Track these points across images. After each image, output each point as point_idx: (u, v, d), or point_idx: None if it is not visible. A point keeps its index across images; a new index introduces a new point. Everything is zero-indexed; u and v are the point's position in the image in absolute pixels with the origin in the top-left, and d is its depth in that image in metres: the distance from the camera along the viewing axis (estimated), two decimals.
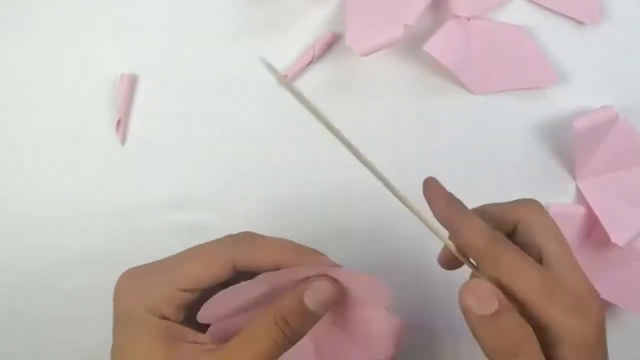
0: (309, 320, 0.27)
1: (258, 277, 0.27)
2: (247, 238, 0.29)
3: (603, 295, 0.41)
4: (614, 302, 0.41)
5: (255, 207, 0.42)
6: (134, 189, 0.41)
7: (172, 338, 0.27)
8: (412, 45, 0.40)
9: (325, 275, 0.28)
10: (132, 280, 0.28)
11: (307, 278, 0.27)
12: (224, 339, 0.27)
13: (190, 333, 0.27)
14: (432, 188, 0.27)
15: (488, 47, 0.40)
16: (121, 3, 0.41)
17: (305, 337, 0.28)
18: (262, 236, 0.29)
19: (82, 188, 0.42)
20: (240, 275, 0.28)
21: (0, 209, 0.42)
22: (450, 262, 0.30)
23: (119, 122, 0.41)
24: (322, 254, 0.29)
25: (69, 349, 0.42)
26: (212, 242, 0.29)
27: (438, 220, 0.27)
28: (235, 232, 0.42)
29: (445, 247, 0.28)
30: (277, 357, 0.26)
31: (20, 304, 0.42)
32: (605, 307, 0.26)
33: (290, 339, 0.27)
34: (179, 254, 0.29)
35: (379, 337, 0.29)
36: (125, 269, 0.29)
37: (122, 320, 0.28)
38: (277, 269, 0.28)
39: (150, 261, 0.29)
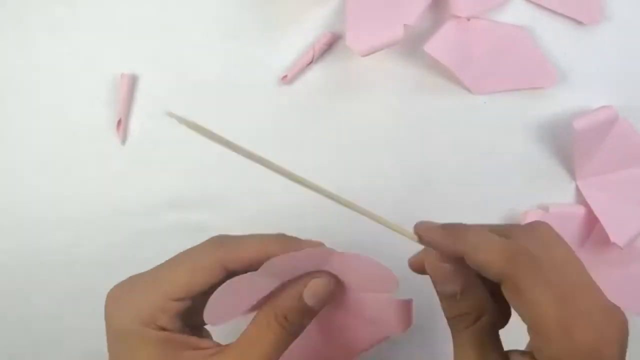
0: (308, 315, 0.28)
1: (261, 269, 0.27)
2: (232, 237, 0.29)
3: None
4: (614, 302, 0.41)
5: (255, 206, 0.42)
6: (134, 189, 0.41)
7: (173, 348, 0.26)
8: (412, 45, 0.40)
9: (323, 271, 0.28)
10: (121, 296, 0.27)
11: (307, 274, 0.28)
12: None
13: (191, 340, 0.27)
14: (424, 228, 0.27)
15: (488, 47, 0.40)
16: (121, 3, 0.41)
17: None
18: (249, 235, 0.29)
19: (82, 188, 0.42)
20: (232, 274, 0.28)
21: (0, 209, 0.42)
22: (422, 266, 0.29)
23: (119, 122, 0.41)
24: (313, 241, 0.29)
25: (69, 349, 0.42)
26: (198, 246, 0.28)
27: (447, 253, 0.26)
28: (234, 232, 0.42)
29: (417, 254, 0.28)
30: (282, 352, 0.27)
31: (20, 304, 0.42)
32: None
33: (291, 334, 0.27)
34: (166, 262, 0.28)
35: (387, 314, 0.30)
36: (125, 268, 0.28)
37: (117, 338, 0.27)
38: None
39: (145, 264, 0.28)
